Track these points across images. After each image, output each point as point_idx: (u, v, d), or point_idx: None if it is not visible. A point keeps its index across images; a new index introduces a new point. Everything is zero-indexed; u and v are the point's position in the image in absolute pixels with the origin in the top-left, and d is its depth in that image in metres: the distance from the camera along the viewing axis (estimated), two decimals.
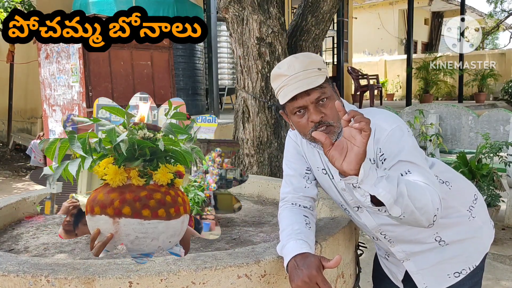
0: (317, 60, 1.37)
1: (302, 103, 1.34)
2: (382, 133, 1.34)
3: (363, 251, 1.78)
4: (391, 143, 1.32)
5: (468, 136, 4.59)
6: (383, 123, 1.35)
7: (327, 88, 1.36)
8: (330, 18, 3.85)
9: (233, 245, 1.67)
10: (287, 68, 1.35)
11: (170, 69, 5.67)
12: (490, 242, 1.56)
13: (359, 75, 12.33)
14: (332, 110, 1.34)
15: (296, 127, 1.41)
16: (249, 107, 3.62)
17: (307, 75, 1.33)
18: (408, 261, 1.51)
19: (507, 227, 4.20)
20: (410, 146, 1.31)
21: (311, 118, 1.34)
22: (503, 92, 14.35)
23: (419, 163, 1.29)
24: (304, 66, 1.34)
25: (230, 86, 9.00)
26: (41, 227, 1.96)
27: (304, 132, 1.38)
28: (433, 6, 19.01)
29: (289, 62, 1.37)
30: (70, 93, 5.08)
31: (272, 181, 2.44)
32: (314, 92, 1.33)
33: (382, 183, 1.13)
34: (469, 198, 1.54)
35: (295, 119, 1.39)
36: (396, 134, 1.33)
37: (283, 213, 1.50)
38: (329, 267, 1.24)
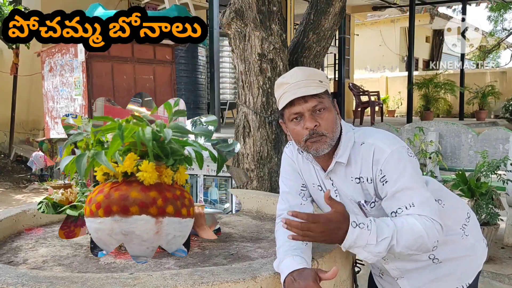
0: (320, 74, 1.42)
1: (299, 109, 1.37)
2: (382, 155, 1.36)
3: (360, 268, 1.78)
4: (391, 166, 1.34)
5: (468, 154, 4.60)
6: (382, 144, 1.38)
7: (325, 100, 1.39)
8: (332, 35, 3.89)
9: (230, 261, 1.67)
10: (290, 77, 1.40)
11: (172, 83, 5.71)
12: (483, 260, 1.57)
13: (360, 91, 12.36)
14: (328, 122, 1.37)
15: (292, 134, 1.44)
16: (249, 122, 3.64)
17: (308, 84, 1.37)
18: (402, 278, 1.52)
19: (506, 246, 4.18)
20: (410, 169, 1.34)
21: (305, 124, 1.37)
22: (504, 110, 14.38)
23: (418, 188, 1.33)
24: (306, 76, 1.38)
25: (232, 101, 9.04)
26: (40, 239, 1.97)
27: (299, 139, 1.41)
28: (434, 24, 19.15)
29: (293, 71, 1.41)
30: (72, 106, 5.12)
31: (272, 197, 2.45)
32: (311, 100, 1.36)
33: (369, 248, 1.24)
34: (462, 216, 1.55)
35: (292, 126, 1.41)
36: (396, 156, 1.35)
37: (280, 230, 1.50)
38: (326, 279, 1.25)
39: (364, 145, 1.40)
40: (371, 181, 1.39)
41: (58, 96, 5.34)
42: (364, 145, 1.39)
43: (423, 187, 1.34)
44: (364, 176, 1.40)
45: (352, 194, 1.44)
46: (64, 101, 5.24)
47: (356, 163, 1.41)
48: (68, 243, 1.90)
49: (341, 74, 11.81)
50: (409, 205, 1.31)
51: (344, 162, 1.41)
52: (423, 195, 1.32)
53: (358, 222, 1.23)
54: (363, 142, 1.41)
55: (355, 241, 1.21)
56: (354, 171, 1.42)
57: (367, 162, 1.38)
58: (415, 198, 1.31)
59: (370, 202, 1.42)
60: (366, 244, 1.21)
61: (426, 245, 1.28)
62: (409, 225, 1.27)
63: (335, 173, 1.46)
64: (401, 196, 1.33)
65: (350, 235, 1.21)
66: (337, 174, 1.46)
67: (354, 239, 1.21)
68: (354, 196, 1.44)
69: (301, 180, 1.57)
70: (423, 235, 1.26)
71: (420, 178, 1.37)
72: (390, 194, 1.34)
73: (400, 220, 1.29)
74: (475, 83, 14.78)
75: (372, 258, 1.25)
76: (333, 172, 1.46)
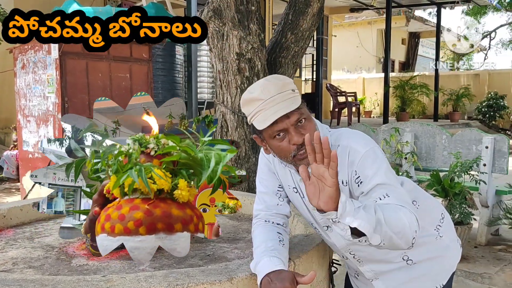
0: (288, 82, 1.37)
1: (282, 126, 1.33)
2: (356, 156, 1.35)
3: (337, 269, 1.78)
4: (366, 166, 1.33)
5: (442, 155, 4.68)
6: (357, 146, 1.37)
7: (303, 109, 1.36)
8: (310, 36, 3.90)
9: (206, 262, 1.65)
10: (260, 91, 1.33)
11: (149, 82, 5.65)
12: (457, 261, 1.58)
13: (337, 92, 12.47)
14: (311, 131, 1.34)
15: (277, 151, 1.39)
16: (227, 121, 3.62)
17: (283, 97, 1.32)
18: (377, 280, 1.52)
19: (479, 245, 4.27)
20: (385, 168, 1.34)
21: (293, 140, 1.33)
22: (476, 111, 14.72)
23: (394, 184, 1.31)
24: (279, 88, 1.33)
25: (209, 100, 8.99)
26: (10, 241, 1.91)
27: (286, 155, 1.37)
28: (410, 27, 19.45)
29: (262, 85, 1.35)
30: (45, 104, 5.01)
31: (249, 197, 2.44)
32: (293, 114, 1.32)
33: (360, 213, 1.15)
34: (437, 217, 1.56)
35: (275, 143, 1.37)
36: (371, 156, 1.34)
37: (256, 230, 1.49)
38: (303, 283, 1.24)
39: (340, 147, 1.38)
40: (346, 184, 1.38)
41: (30, 93, 5.22)
42: (339, 148, 1.38)
43: (397, 185, 1.34)
44: (339, 179, 1.38)
45: None
46: (37, 99, 5.13)
47: None
48: (39, 244, 1.86)
49: (318, 74, 11.87)
50: (383, 196, 1.28)
51: None
52: (397, 191, 1.31)
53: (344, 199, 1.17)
54: (338, 144, 1.39)
55: (346, 206, 1.14)
56: None
57: (342, 164, 1.36)
58: (390, 193, 1.29)
59: None
60: (354, 208, 1.15)
61: (406, 231, 1.22)
62: (390, 206, 1.24)
63: None
64: (378, 191, 1.30)
65: (342, 198, 1.15)
66: None
67: (344, 201, 1.15)
68: None
69: (278, 180, 1.56)
70: (403, 219, 1.22)
71: (394, 176, 1.36)
72: (365, 192, 1.33)
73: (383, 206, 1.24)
74: (449, 85, 15.10)
75: (368, 227, 1.16)
76: None
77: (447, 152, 4.61)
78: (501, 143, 4.27)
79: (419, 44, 21.96)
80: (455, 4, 14.38)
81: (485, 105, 14.33)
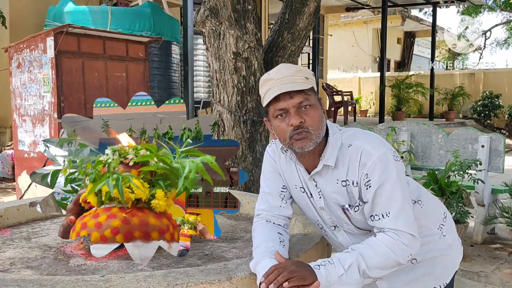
0: (306, 71, 1.39)
1: (284, 105, 1.34)
2: (369, 159, 1.35)
3: None
4: (377, 171, 1.34)
5: (438, 153, 4.69)
6: (370, 148, 1.36)
7: (311, 96, 1.36)
8: (306, 35, 3.90)
9: (205, 261, 1.65)
10: (275, 73, 1.37)
11: (145, 81, 5.62)
12: (459, 260, 1.59)
13: (333, 91, 12.49)
14: (313, 119, 1.35)
15: (276, 132, 1.41)
16: (224, 121, 3.62)
17: (294, 79, 1.34)
18: (380, 280, 1.52)
19: (475, 243, 4.28)
20: (395, 177, 1.35)
21: (290, 121, 1.34)
22: (472, 110, 14.77)
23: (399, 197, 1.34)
24: (292, 72, 1.36)
25: (206, 99, 8.98)
26: (7, 241, 1.90)
27: (284, 137, 1.38)
28: (406, 26, 19.50)
29: (279, 67, 1.39)
30: (41, 103, 4.98)
31: (246, 196, 2.44)
32: (297, 96, 1.34)
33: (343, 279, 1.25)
34: (439, 216, 1.57)
35: (276, 123, 1.39)
36: (383, 162, 1.35)
37: (257, 229, 1.49)
38: None
39: (352, 147, 1.38)
40: (356, 185, 1.38)
41: (26, 93, 5.19)
42: (352, 147, 1.38)
43: (403, 195, 1.35)
44: (350, 179, 1.38)
45: (336, 197, 1.42)
46: (33, 98, 5.10)
47: (343, 166, 1.39)
48: (36, 244, 1.85)
49: (315, 74, 11.80)
50: (385, 214, 1.33)
51: (332, 165, 1.39)
52: (400, 205, 1.33)
53: (318, 264, 1.27)
54: (350, 144, 1.39)
55: (328, 280, 1.24)
56: (341, 173, 1.40)
57: (354, 164, 1.36)
58: (392, 206, 1.33)
59: (354, 206, 1.40)
60: (338, 276, 1.24)
61: (398, 261, 1.32)
62: (375, 248, 1.31)
63: (320, 175, 1.43)
64: (380, 203, 1.34)
65: (320, 276, 1.23)
66: (322, 176, 1.43)
67: (326, 278, 1.23)
68: (338, 200, 1.42)
69: (282, 181, 1.55)
70: (390, 255, 1.30)
71: (403, 184, 1.37)
72: (371, 199, 1.35)
73: (364, 246, 1.32)
74: (445, 84, 15.15)
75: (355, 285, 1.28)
76: (318, 174, 1.43)
77: (443, 151, 4.62)
78: (497, 142, 4.29)
79: (414, 43, 22.02)
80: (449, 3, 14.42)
81: (480, 104, 14.38)
